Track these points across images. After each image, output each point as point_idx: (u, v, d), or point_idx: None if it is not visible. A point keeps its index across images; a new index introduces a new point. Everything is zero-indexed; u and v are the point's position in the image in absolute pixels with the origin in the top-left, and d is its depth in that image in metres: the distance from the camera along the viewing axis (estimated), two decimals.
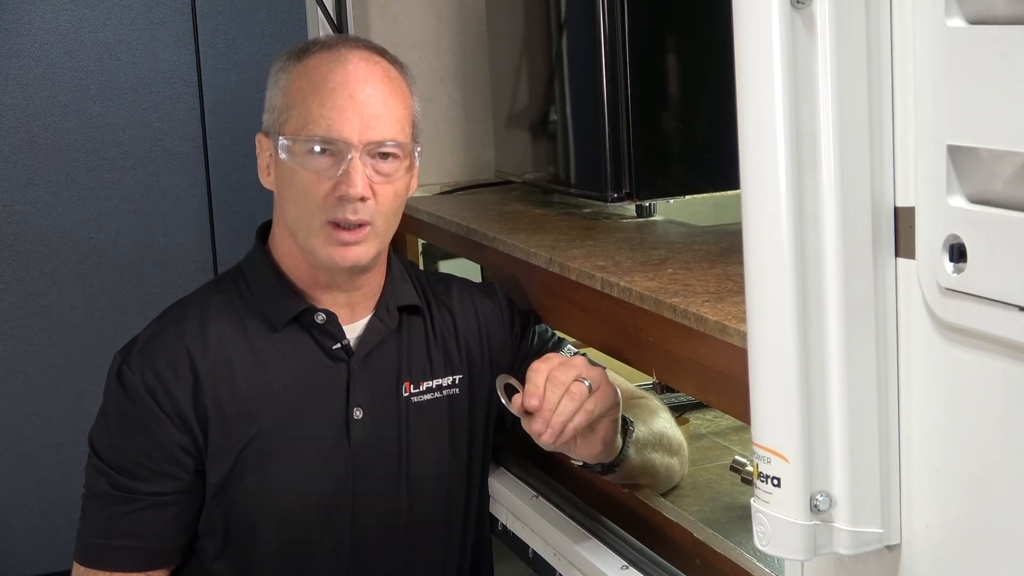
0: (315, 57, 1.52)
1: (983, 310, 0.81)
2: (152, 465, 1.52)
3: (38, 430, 3.34)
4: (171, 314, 1.59)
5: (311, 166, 1.49)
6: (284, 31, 3.38)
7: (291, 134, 1.50)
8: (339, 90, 1.49)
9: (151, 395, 1.52)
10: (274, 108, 1.54)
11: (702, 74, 1.83)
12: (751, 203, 0.90)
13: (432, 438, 1.61)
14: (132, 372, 1.53)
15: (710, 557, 1.36)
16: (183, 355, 1.53)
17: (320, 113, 1.48)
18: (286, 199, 1.53)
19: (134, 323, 1.62)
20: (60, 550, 3.39)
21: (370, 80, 1.51)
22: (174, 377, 1.52)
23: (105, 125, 3.31)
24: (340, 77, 1.49)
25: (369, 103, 1.50)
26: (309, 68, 1.51)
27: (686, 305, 1.32)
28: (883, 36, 0.87)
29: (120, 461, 1.53)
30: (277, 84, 1.55)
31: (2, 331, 3.30)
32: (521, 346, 1.69)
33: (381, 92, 1.51)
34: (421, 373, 1.62)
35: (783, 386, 0.90)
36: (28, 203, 3.28)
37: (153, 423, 1.52)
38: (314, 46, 1.55)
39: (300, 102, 1.50)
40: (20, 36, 3.22)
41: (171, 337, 1.55)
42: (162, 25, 3.32)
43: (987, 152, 0.79)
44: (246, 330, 1.56)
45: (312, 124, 1.48)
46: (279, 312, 1.56)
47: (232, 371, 1.54)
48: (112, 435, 1.55)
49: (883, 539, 0.93)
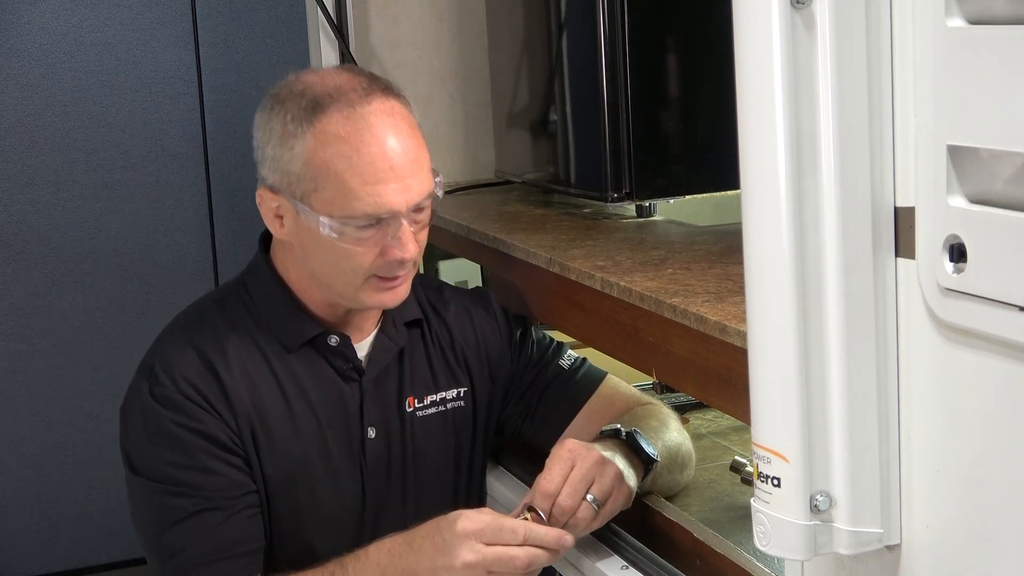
0: (332, 120, 1.42)
1: (983, 310, 0.81)
2: (223, 462, 1.47)
3: (38, 430, 3.34)
4: (178, 333, 1.54)
5: (358, 240, 1.44)
6: (284, 31, 3.38)
7: (333, 213, 1.42)
8: (378, 162, 1.41)
9: (191, 399, 1.47)
10: (290, 173, 1.43)
11: (702, 74, 1.83)
12: (751, 203, 0.90)
13: (439, 453, 1.62)
14: (164, 387, 1.47)
15: (710, 557, 1.36)
16: (208, 372, 1.49)
17: (364, 191, 1.41)
18: (319, 261, 1.48)
19: (134, 323, 1.61)
20: (60, 550, 3.40)
21: (398, 136, 1.44)
22: (207, 387, 1.48)
23: (105, 125, 3.31)
24: (375, 148, 1.41)
25: (405, 164, 1.43)
26: (332, 137, 1.41)
27: (686, 305, 1.32)
28: (883, 36, 0.87)
29: (193, 476, 1.46)
30: (290, 148, 1.43)
31: (2, 331, 3.30)
32: (520, 358, 1.68)
33: (411, 146, 1.45)
34: (424, 387, 1.61)
35: (783, 386, 0.90)
36: (28, 203, 3.28)
37: (205, 420, 1.47)
38: (325, 103, 1.43)
39: (334, 178, 1.41)
40: (20, 36, 3.22)
41: (191, 355, 1.50)
42: (162, 25, 3.32)
43: (987, 152, 0.79)
44: (262, 350, 1.53)
45: (357, 202, 1.41)
46: (293, 335, 1.53)
47: (257, 390, 1.51)
48: (171, 453, 1.47)
49: (883, 539, 0.93)
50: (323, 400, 1.54)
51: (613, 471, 1.41)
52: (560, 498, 1.39)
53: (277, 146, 1.44)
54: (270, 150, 1.45)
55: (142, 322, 3.21)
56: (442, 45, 2.39)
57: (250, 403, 1.50)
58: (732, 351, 1.23)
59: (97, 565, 3.40)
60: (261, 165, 1.48)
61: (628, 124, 1.78)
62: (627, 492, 1.44)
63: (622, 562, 1.46)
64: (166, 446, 1.47)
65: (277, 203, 1.47)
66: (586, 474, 1.40)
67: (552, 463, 1.41)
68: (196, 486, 1.46)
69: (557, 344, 1.71)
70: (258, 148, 1.48)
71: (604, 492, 1.41)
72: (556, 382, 1.66)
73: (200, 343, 1.51)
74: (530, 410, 1.67)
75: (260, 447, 1.50)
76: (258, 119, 1.48)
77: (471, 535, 1.35)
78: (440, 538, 1.37)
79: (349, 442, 1.55)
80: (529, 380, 1.68)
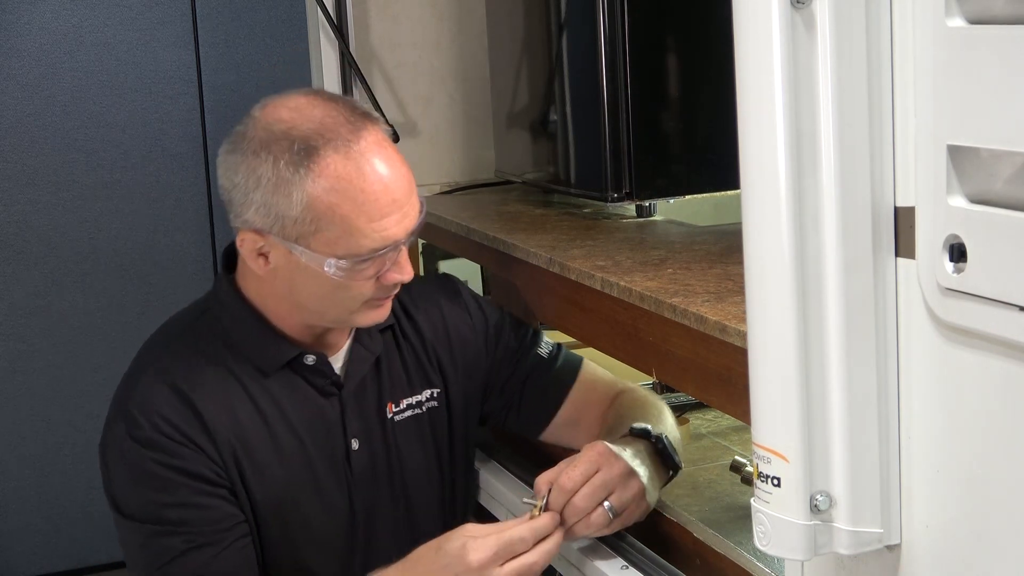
0: (331, 163, 1.38)
1: (983, 310, 0.81)
2: (210, 495, 1.46)
3: (38, 430, 3.34)
4: (150, 370, 1.49)
5: (360, 273, 1.43)
6: (284, 31, 3.38)
7: (337, 253, 1.40)
8: (382, 199, 1.40)
9: (171, 437, 1.45)
10: (286, 217, 1.39)
11: (702, 74, 1.83)
12: (751, 203, 0.90)
13: (421, 455, 1.61)
14: (142, 428, 1.45)
15: (710, 557, 1.36)
16: (185, 406, 1.46)
17: (370, 228, 1.40)
18: (311, 294, 1.46)
19: (134, 323, 1.60)
20: (60, 550, 3.40)
21: (393, 166, 1.42)
22: (185, 423, 1.46)
23: (105, 125, 3.31)
24: (378, 185, 1.40)
25: (404, 194, 1.43)
26: (333, 179, 1.38)
27: (686, 305, 1.32)
28: (883, 36, 0.87)
29: (181, 513, 1.45)
30: (286, 194, 1.38)
31: (2, 331, 3.31)
32: (498, 348, 1.67)
33: (404, 174, 1.44)
34: (400, 391, 1.60)
35: (783, 386, 0.90)
36: (28, 203, 3.29)
37: (187, 456, 1.44)
38: (318, 143, 1.39)
39: (340, 220, 1.39)
40: (20, 36, 3.22)
41: (165, 392, 1.47)
42: (162, 25, 3.32)
43: (987, 152, 0.79)
44: (237, 376, 1.50)
45: (365, 240, 1.40)
46: (269, 359, 1.51)
47: (237, 417, 1.49)
48: (157, 494, 1.45)
49: (883, 539, 0.93)
50: (303, 419, 1.52)
51: (637, 486, 1.42)
52: (576, 498, 1.40)
53: (270, 192, 1.39)
54: (258, 195, 1.40)
55: (142, 322, 3.21)
56: (442, 45, 2.39)
57: (231, 432, 1.48)
58: (732, 351, 1.23)
59: (97, 565, 3.41)
60: (243, 208, 1.42)
61: (628, 124, 1.78)
62: (645, 508, 1.44)
63: (622, 562, 1.46)
64: (151, 487, 1.45)
65: (263, 243, 1.43)
66: (608, 481, 1.41)
67: (578, 462, 1.42)
68: (185, 523, 1.44)
69: (533, 331, 1.71)
70: (235, 190, 1.42)
71: (623, 503, 1.41)
72: (537, 372, 1.67)
73: (173, 377, 1.47)
74: (513, 402, 1.67)
75: (245, 474, 1.48)
76: (233, 162, 1.43)
77: (487, 564, 1.35)
78: (452, 573, 1.36)
79: (333, 457, 1.54)
80: (509, 371, 1.67)
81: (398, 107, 2.36)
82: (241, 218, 1.43)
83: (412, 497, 1.60)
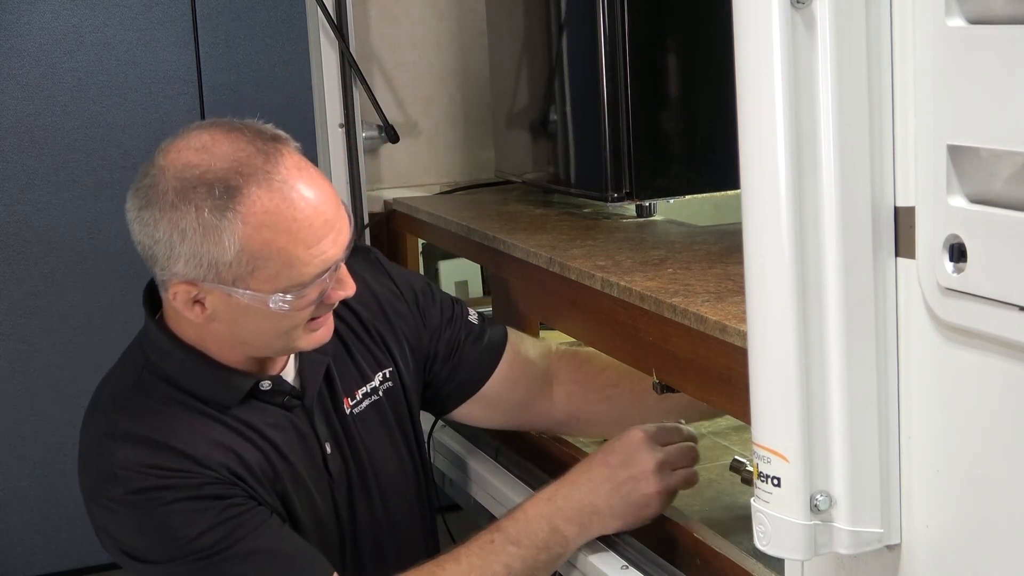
0: (256, 199, 1.33)
1: (983, 310, 0.81)
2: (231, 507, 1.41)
3: (38, 430, 3.34)
4: (114, 438, 1.43)
5: (307, 300, 1.39)
6: (284, 31, 3.38)
7: (279, 287, 1.36)
8: (315, 223, 1.36)
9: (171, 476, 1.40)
10: (219, 263, 1.34)
11: (702, 74, 1.83)
12: (751, 203, 0.90)
13: (385, 440, 1.60)
14: (138, 481, 1.39)
15: (710, 557, 1.36)
16: (169, 451, 1.40)
17: (309, 255, 1.36)
18: (252, 331, 1.42)
19: (134, 323, 1.58)
20: (60, 550, 3.40)
21: (316, 186, 1.38)
22: (177, 463, 1.41)
23: (105, 125, 3.31)
24: (308, 211, 1.35)
25: (333, 212, 1.38)
26: (263, 216, 1.33)
27: (686, 305, 1.32)
28: (883, 36, 0.87)
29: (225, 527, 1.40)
30: (216, 241, 1.33)
31: (2, 331, 3.30)
32: (430, 317, 1.67)
33: (329, 190, 1.40)
34: (353, 383, 1.58)
35: (783, 386, 0.90)
36: (28, 203, 3.28)
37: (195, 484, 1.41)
38: (237, 183, 1.33)
39: (277, 254, 1.34)
40: (20, 36, 3.22)
41: (141, 449, 1.41)
42: (162, 25, 3.32)
43: (987, 152, 0.79)
44: (205, 414, 1.45)
45: (306, 268, 1.36)
46: (226, 395, 1.46)
47: (224, 446, 1.44)
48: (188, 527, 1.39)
49: (883, 539, 0.93)
50: (281, 437, 1.49)
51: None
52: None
53: (198, 242, 1.34)
54: (186, 248, 1.34)
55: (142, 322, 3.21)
56: (442, 45, 2.39)
57: (227, 459, 1.44)
58: (732, 351, 1.23)
59: (97, 565, 3.40)
60: (170, 262, 1.36)
61: (628, 124, 1.78)
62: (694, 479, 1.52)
63: (622, 562, 1.46)
64: (179, 524, 1.39)
65: (196, 292, 1.38)
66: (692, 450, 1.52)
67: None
68: (232, 531, 1.40)
69: (458, 300, 1.72)
70: (157, 246, 1.36)
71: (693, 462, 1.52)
72: (470, 339, 1.68)
73: (145, 433, 1.42)
74: (453, 369, 1.68)
75: (251, 491, 1.45)
76: (149, 218, 1.37)
77: (663, 465, 1.45)
78: (615, 457, 1.45)
79: (314, 465, 1.52)
80: (447, 339, 1.67)
81: (398, 107, 2.36)
82: (169, 271, 1.37)
83: (385, 486, 1.60)
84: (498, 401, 1.70)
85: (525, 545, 1.43)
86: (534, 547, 1.43)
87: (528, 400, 1.70)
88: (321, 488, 1.53)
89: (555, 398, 1.71)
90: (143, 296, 1.52)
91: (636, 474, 1.43)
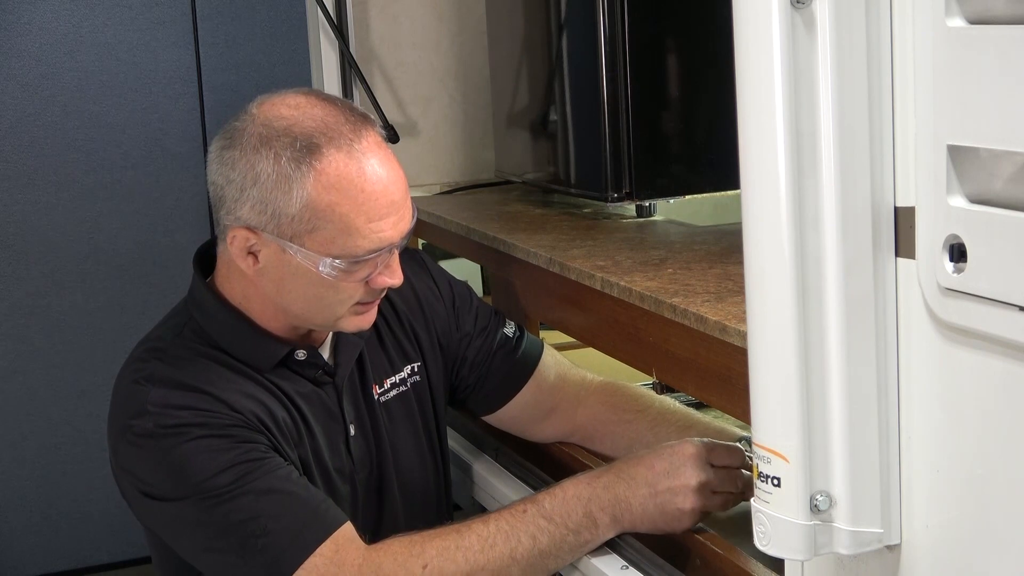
0: (333, 161, 1.37)
1: (983, 310, 0.81)
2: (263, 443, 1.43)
3: (38, 430, 3.34)
4: (151, 382, 1.44)
5: (353, 275, 1.42)
6: (284, 31, 3.38)
7: (332, 252, 1.39)
8: (380, 199, 1.39)
9: (200, 414, 1.41)
10: (283, 214, 1.38)
11: (702, 74, 1.83)
12: (751, 203, 0.90)
13: (409, 432, 1.62)
14: (167, 416, 1.40)
15: (710, 557, 1.36)
16: (205, 395, 1.42)
17: (368, 228, 1.39)
18: (298, 296, 1.44)
19: (134, 323, 1.58)
20: (60, 550, 3.40)
21: (391, 169, 1.41)
22: (210, 405, 1.42)
23: (105, 125, 3.31)
24: (378, 186, 1.39)
25: (400, 197, 1.42)
26: (335, 178, 1.37)
27: (686, 305, 1.32)
28: (883, 36, 0.87)
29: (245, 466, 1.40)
30: (286, 190, 1.37)
31: (2, 331, 3.30)
32: (464, 323, 1.68)
33: (401, 177, 1.43)
34: (383, 371, 1.60)
35: (783, 386, 0.90)
36: (28, 203, 3.29)
37: (223, 417, 1.42)
38: (320, 142, 1.38)
39: (339, 219, 1.38)
40: (20, 36, 3.23)
41: (177, 391, 1.43)
42: (162, 25, 3.32)
43: (987, 152, 0.79)
44: (240, 372, 1.47)
45: (362, 240, 1.39)
46: (262, 359, 1.49)
47: (256, 398, 1.46)
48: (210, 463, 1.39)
49: (883, 539, 0.93)
50: (311, 408, 1.51)
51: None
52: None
53: (269, 188, 1.37)
54: (256, 192, 1.38)
55: (142, 322, 3.18)
56: (442, 45, 2.39)
57: (258, 410, 1.45)
58: (732, 351, 1.23)
59: (97, 565, 3.41)
60: (237, 205, 1.40)
61: (628, 124, 1.78)
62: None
63: (622, 562, 1.46)
64: (200, 459, 1.40)
65: (255, 241, 1.41)
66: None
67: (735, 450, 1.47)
68: (250, 471, 1.40)
69: (497, 312, 1.72)
70: (230, 186, 1.40)
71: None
72: (502, 352, 1.68)
73: (180, 379, 1.44)
74: (480, 379, 1.68)
75: (279, 447, 1.46)
76: (229, 158, 1.40)
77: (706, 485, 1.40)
78: (661, 464, 1.41)
79: (336, 444, 1.54)
80: (478, 346, 1.68)
81: (398, 107, 2.36)
82: (233, 215, 1.41)
83: (404, 478, 1.60)
84: (515, 420, 1.71)
85: (557, 522, 1.43)
86: (564, 527, 1.42)
87: (542, 417, 1.70)
88: (342, 469, 1.54)
89: (576, 421, 1.70)
90: (193, 259, 1.54)
91: (676, 487, 1.40)
